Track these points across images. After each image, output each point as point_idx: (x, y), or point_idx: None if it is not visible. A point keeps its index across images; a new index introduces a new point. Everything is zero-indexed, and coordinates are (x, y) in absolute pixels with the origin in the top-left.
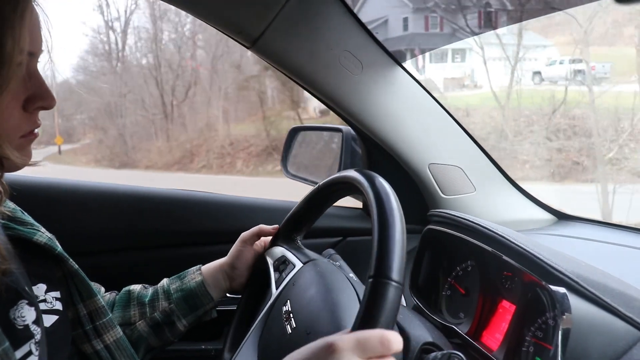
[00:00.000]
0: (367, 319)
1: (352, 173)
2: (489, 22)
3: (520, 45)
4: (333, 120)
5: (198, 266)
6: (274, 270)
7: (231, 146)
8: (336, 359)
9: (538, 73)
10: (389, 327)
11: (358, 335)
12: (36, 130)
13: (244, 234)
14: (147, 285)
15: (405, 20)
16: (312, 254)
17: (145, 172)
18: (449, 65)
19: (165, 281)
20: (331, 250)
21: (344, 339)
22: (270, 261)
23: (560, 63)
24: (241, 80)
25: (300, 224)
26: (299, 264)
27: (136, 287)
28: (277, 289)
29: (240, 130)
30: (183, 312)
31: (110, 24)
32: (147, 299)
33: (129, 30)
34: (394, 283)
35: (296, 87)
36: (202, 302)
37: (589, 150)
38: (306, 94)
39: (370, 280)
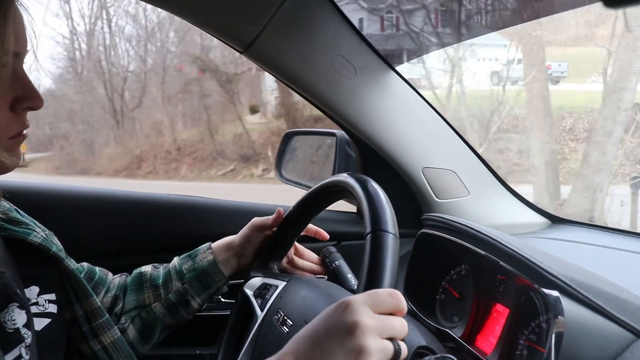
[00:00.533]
0: (373, 270)
1: (343, 177)
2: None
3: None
4: (290, 122)
5: (208, 244)
6: (256, 297)
7: (178, 151)
8: (351, 313)
9: (496, 73)
10: (394, 277)
11: (368, 291)
12: (24, 131)
13: (256, 220)
14: (157, 265)
15: (361, 21)
16: (294, 274)
17: (95, 178)
18: (405, 67)
19: (176, 260)
20: (332, 249)
21: (356, 296)
22: (250, 292)
23: (518, 62)
24: (184, 85)
25: (278, 250)
26: (282, 283)
27: (147, 269)
28: (262, 310)
29: (188, 135)
30: (197, 291)
31: (73, 30)
32: (160, 281)
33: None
34: (391, 234)
35: (237, 90)
36: (214, 280)
37: (528, 151)
38: (264, 96)
39: (369, 235)
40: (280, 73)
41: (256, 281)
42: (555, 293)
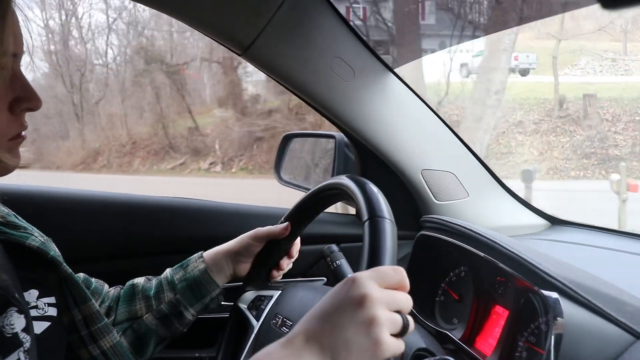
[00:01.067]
0: (374, 251)
1: (342, 179)
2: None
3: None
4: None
5: (200, 253)
6: (250, 310)
7: (132, 145)
8: (359, 287)
9: (465, 65)
10: (395, 257)
11: (373, 268)
12: (23, 133)
13: (259, 231)
14: (150, 277)
15: None
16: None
17: (54, 172)
18: None
19: (168, 271)
20: (334, 247)
21: (362, 272)
22: (244, 306)
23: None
24: (138, 77)
25: (272, 257)
26: (276, 292)
27: (140, 280)
28: (258, 320)
29: (146, 128)
30: (189, 302)
31: (45, 21)
32: (152, 292)
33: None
34: (387, 219)
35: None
36: (207, 289)
37: (472, 144)
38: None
39: (367, 222)
40: (279, 75)
41: (249, 295)
42: (554, 295)
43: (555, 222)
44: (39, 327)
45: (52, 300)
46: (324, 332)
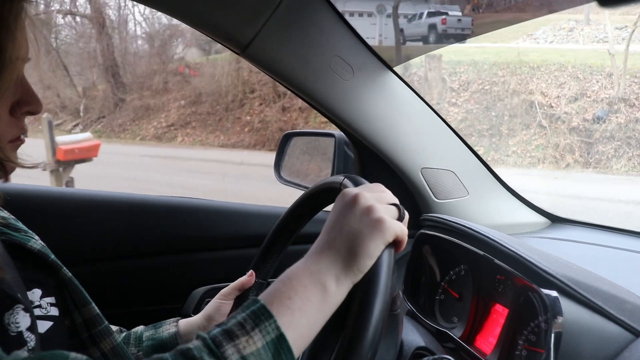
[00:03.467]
0: None
1: (339, 178)
2: None
3: None
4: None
5: (176, 318)
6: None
7: None
8: (349, 193)
9: (401, 31)
10: None
11: (360, 186)
12: (22, 136)
13: (224, 290)
14: (123, 329)
15: None
16: None
17: None
18: None
19: (140, 327)
20: None
21: (354, 189)
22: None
23: (419, 17)
24: None
25: (266, 267)
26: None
27: (114, 329)
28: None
29: None
30: None
31: None
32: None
33: None
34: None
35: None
36: None
37: None
38: None
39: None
40: (278, 74)
41: None
42: (553, 293)
43: (555, 220)
44: (42, 326)
45: (53, 300)
46: (334, 237)
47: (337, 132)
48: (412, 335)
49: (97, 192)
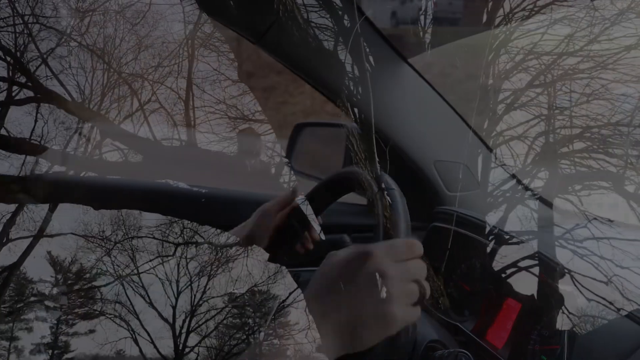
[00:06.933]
0: (390, 222)
1: (356, 169)
2: None
3: None
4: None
5: None
6: None
7: None
8: (374, 264)
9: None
10: (409, 226)
11: (387, 242)
12: None
13: (266, 205)
14: None
15: None
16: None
17: None
18: None
19: None
20: (346, 237)
21: (376, 246)
22: None
23: None
24: None
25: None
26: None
27: None
28: None
29: None
30: None
31: None
32: None
33: None
34: (396, 190)
35: None
36: None
37: None
38: None
39: (376, 194)
40: (292, 63)
41: None
42: (568, 288)
43: (567, 214)
44: None
45: None
46: (339, 306)
47: (349, 123)
48: (425, 328)
49: (105, 178)
